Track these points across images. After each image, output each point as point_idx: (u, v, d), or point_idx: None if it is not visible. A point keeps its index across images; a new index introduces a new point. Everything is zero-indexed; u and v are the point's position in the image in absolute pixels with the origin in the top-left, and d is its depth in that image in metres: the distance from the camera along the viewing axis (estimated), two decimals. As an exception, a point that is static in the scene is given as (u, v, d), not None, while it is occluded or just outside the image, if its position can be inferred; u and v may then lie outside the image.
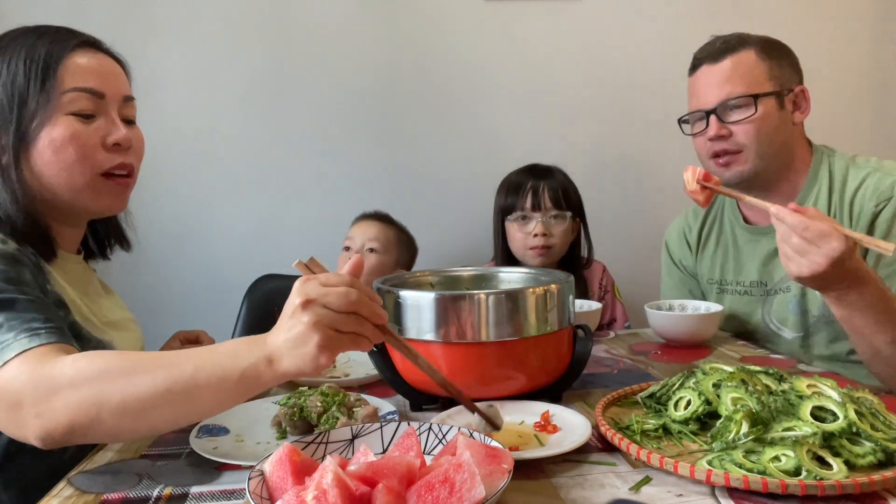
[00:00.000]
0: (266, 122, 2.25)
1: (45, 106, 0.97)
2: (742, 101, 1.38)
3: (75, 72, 0.99)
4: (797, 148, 1.45)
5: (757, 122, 1.37)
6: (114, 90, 1.04)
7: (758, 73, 1.39)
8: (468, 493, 0.60)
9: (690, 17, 2.34)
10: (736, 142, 1.39)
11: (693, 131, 1.48)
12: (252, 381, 0.77)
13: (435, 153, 2.30)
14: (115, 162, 1.03)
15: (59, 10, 2.09)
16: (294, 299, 0.76)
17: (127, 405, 0.76)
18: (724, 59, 1.40)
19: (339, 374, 1.24)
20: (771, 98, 1.38)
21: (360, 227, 1.94)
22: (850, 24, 2.42)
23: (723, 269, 1.58)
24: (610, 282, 1.94)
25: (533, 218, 1.82)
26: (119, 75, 1.07)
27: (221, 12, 2.20)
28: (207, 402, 0.78)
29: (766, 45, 1.41)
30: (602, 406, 0.92)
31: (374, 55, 2.26)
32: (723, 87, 1.39)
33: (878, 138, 2.42)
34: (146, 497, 0.76)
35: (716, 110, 1.40)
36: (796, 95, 1.42)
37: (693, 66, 1.47)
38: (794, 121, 1.43)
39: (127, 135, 1.03)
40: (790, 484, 0.67)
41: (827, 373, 1.16)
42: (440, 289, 1.18)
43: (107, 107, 1.03)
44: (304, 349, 0.75)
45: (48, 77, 0.97)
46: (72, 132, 0.98)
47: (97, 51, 1.05)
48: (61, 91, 0.98)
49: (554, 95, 2.32)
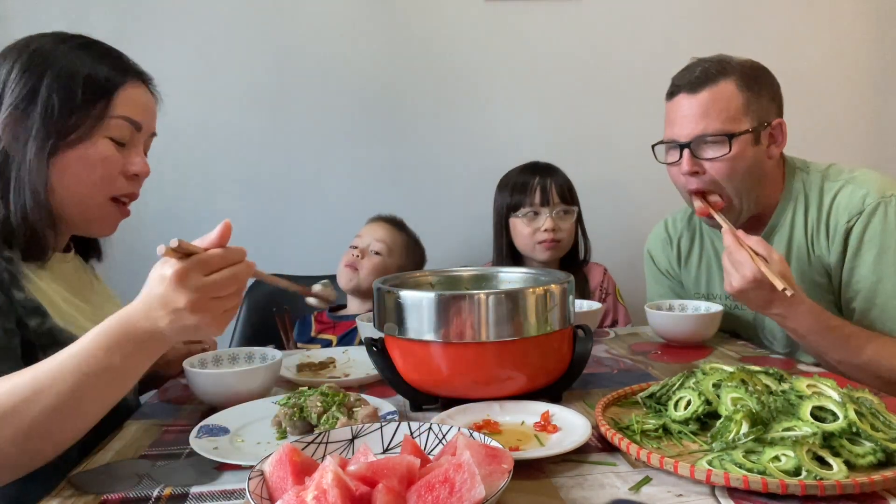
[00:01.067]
0: (267, 121, 2.25)
1: (93, 124, 1.02)
2: (717, 138, 1.33)
3: (128, 102, 1.05)
4: (772, 176, 1.42)
5: (730, 162, 1.34)
6: (148, 125, 1.11)
7: (735, 109, 1.33)
8: (468, 493, 0.60)
9: (690, 16, 2.34)
10: (709, 179, 1.36)
11: (666, 160, 1.45)
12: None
13: (435, 152, 2.30)
14: (127, 190, 1.09)
15: (61, 9, 2.09)
16: (173, 296, 0.81)
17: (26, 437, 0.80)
18: (702, 90, 1.35)
19: (339, 374, 1.24)
20: (747, 136, 1.34)
21: (370, 227, 1.95)
22: (849, 25, 2.42)
23: (709, 283, 1.58)
24: (611, 284, 1.93)
25: (542, 213, 1.83)
26: (155, 113, 1.14)
27: (223, 12, 2.20)
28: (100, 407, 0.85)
29: (746, 76, 1.36)
30: (602, 406, 0.92)
31: (374, 55, 2.26)
32: (698, 121, 1.34)
33: (878, 140, 2.42)
34: (146, 497, 0.76)
35: (689, 145, 1.36)
36: (773, 129, 1.38)
37: (670, 93, 1.42)
38: (769, 154, 1.39)
39: (146, 168, 1.10)
40: (790, 484, 0.67)
41: (827, 373, 1.16)
42: (440, 289, 1.18)
43: (138, 139, 1.09)
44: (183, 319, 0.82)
45: (104, 99, 1.03)
46: (106, 155, 1.04)
47: (146, 86, 1.11)
48: (112, 115, 1.03)
49: (554, 95, 2.32)
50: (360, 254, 1.88)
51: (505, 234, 1.91)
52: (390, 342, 1.03)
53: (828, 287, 1.39)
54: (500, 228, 1.92)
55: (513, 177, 1.91)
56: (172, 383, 1.25)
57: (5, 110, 0.99)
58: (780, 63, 1.47)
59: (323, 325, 1.92)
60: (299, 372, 1.25)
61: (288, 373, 1.22)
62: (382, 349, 1.04)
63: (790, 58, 2.32)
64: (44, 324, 0.98)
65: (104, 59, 1.05)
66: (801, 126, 2.07)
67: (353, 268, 1.87)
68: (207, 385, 1.05)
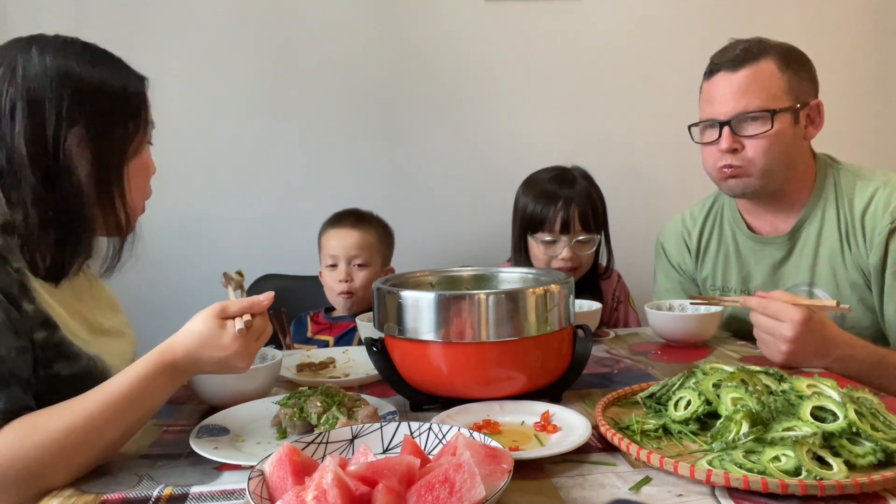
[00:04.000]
0: (267, 122, 2.25)
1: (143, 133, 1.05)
2: (758, 114, 1.33)
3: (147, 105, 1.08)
4: (804, 162, 1.42)
5: (771, 139, 1.34)
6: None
7: (776, 87, 1.34)
8: (468, 493, 0.60)
9: (690, 16, 2.34)
10: (745, 157, 1.36)
11: (702, 139, 1.44)
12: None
13: (435, 153, 2.30)
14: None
15: (61, 10, 2.09)
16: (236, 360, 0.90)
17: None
18: (743, 67, 1.35)
19: (339, 374, 1.24)
20: (787, 114, 1.35)
21: (336, 239, 1.85)
22: (851, 27, 2.42)
23: (725, 276, 1.57)
24: (624, 292, 1.90)
25: (560, 241, 1.71)
26: None
27: (222, 12, 2.20)
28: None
29: (786, 56, 1.37)
30: (602, 406, 0.92)
31: (374, 55, 2.26)
32: (740, 98, 1.34)
33: (879, 142, 2.42)
34: (146, 497, 0.76)
35: (730, 122, 1.35)
36: (811, 110, 1.39)
37: (710, 71, 1.42)
38: (807, 136, 1.40)
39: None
40: (790, 484, 0.67)
41: (827, 373, 1.16)
42: (440, 289, 1.18)
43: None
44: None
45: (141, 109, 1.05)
46: (148, 157, 1.09)
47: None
48: (147, 121, 1.07)
49: (555, 95, 2.32)
50: (346, 277, 1.82)
51: (522, 244, 1.80)
52: (390, 342, 1.03)
53: (864, 288, 1.38)
54: (519, 239, 1.81)
55: (537, 184, 1.78)
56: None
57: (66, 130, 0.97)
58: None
59: (319, 327, 1.90)
60: (299, 372, 1.25)
61: (288, 373, 1.22)
62: (382, 349, 1.04)
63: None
64: (52, 337, 0.95)
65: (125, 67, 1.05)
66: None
67: (348, 292, 1.83)
68: (207, 385, 1.05)
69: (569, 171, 1.80)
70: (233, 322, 0.89)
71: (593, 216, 1.74)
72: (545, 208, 1.73)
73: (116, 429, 0.85)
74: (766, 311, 1.14)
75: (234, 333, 0.87)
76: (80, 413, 0.83)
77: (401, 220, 2.02)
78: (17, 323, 0.91)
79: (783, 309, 1.12)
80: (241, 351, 0.88)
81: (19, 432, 0.81)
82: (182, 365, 0.88)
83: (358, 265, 1.83)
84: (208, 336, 0.87)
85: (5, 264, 0.93)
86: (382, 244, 1.89)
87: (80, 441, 0.82)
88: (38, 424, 0.82)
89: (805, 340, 1.11)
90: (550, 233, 1.72)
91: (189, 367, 0.89)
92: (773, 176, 1.38)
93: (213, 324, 0.88)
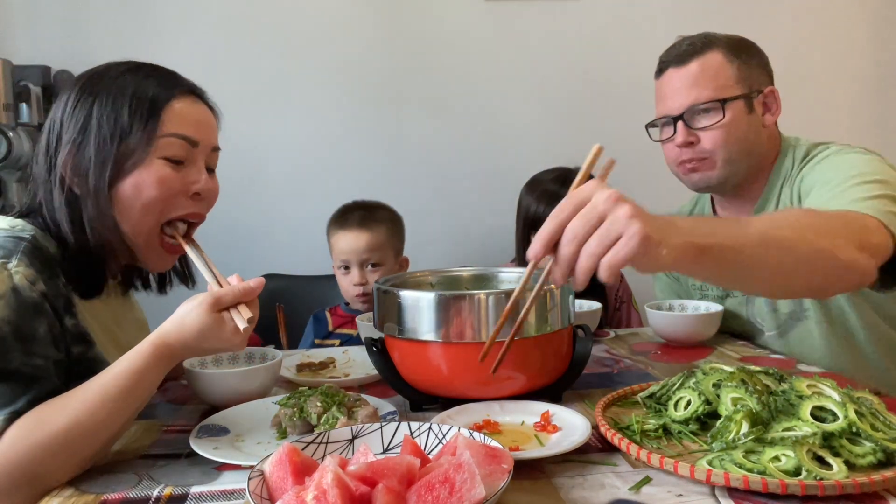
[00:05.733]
0: (267, 121, 2.25)
1: (145, 146, 0.97)
2: (709, 105, 1.32)
3: (177, 117, 1.00)
4: (766, 148, 1.40)
5: (725, 128, 1.32)
6: (207, 140, 1.04)
7: (725, 76, 1.33)
8: (468, 493, 0.60)
9: (690, 15, 2.34)
10: (703, 149, 1.35)
11: (661, 137, 1.43)
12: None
13: (436, 153, 2.30)
14: (191, 209, 1.03)
15: (61, 9, 2.09)
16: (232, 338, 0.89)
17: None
18: (690, 61, 1.34)
19: (339, 374, 1.24)
20: (739, 102, 1.33)
21: (346, 242, 1.81)
22: (849, 24, 2.42)
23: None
24: (627, 293, 1.90)
25: None
26: (214, 126, 1.07)
27: (222, 12, 2.20)
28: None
29: (733, 46, 1.35)
30: (602, 406, 0.92)
31: (374, 55, 2.26)
32: (689, 91, 1.34)
33: (880, 143, 2.42)
34: (146, 497, 0.76)
35: (683, 116, 1.34)
36: (766, 97, 1.37)
37: (659, 70, 1.41)
38: (765, 123, 1.38)
39: (209, 185, 1.04)
40: (790, 484, 0.67)
41: (827, 373, 1.16)
42: (440, 289, 1.18)
43: (197, 155, 1.03)
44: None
45: (152, 118, 0.98)
46: (161, 176, 0.98)
47: (199, 99, 1.05)
48: (161, 134, 0.98)
49: (555, 95, 2.32)
50: (361, 280, 1.79)
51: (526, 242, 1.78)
52: (390, 342, 1.03)
53: None
54: (523, 233, 1.83)
55: (541, 185, 1.80)
56: (172, 383, 1.25)
57: (65, 146, 0.97)
58: (782, 64, 1.47)
59: (342, 320, 1.87)
60: (299, 372, 1.25)
61: (288, 373, 1.22)
62: (382, 349, 1.04)
63: (791, 59, 2.32)
64: (87, 352, 0.97)
65: (149, 78, 1.01)
66: (802, 128, 2.07)
67: (364, 294, 1.79)
68: (207, 385, 1.05)
69: (572, 172, 1.81)
70: (230, 314, 0.88)
71: None
72: (548, 208, 1.72)
73: (116, 422, 0.86)
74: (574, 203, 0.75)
75: (235, 327, 0.87)
76: (81, 408, 0.83)
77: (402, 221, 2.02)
78: (58, 336, 0.92)
79: (583, 189, 0.76)
80: (243, 341, 0.90)
81: (24, 430, 0.82)
82: (179, 355, 0.89)
83: (371, 265, 1.81)
84: (208, 331, 0.87)
85: (57, 277, 0.95)
86: (393, 238, 1.86)
87: (84, 435, 0.82)
88: (43, 419, 0.82)
89: (635, 207, 0.74)
90: None
91: (185, 355, 0.92)
92: (733, 165, 1.36)
93: (210, 318, 0.87)
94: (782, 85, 1.42)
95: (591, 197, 0.74)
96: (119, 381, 0.85)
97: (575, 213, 0.74)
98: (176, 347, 0.88)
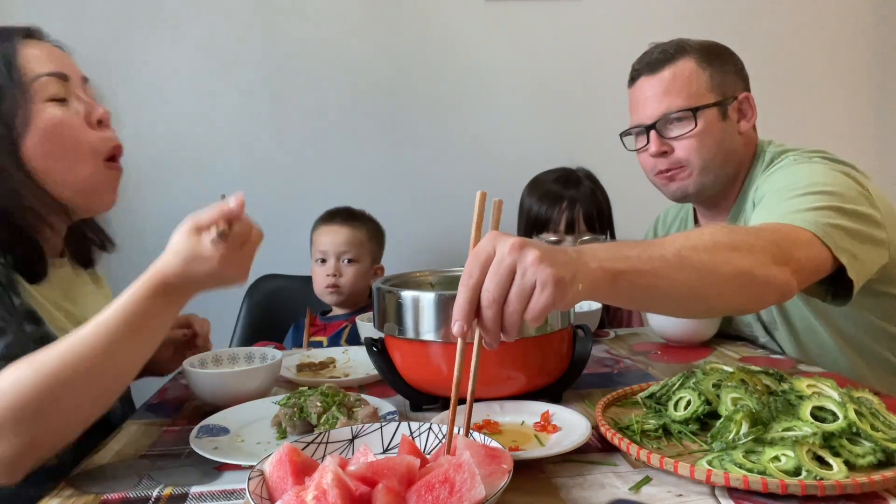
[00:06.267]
0: (267, 122, 2.25)
1: (23, 97, 0.96)
2: (682, 114, 1.31)
3: (34, 60, 1.00)
4: (744, 156, 1.38)
5: (698, 137, 1.31)
6: (73, 72, 1.04)
7: (697, 84, 1.31)
8: (468, 493, 0.60)
9: (690, 16, 2.34)
10: (677, 158, 1.34)
11: (636, 147, 1.42)
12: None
13: (436, 153, 2.30)
14: (112, 143, 1.04)
15: (61, 9, 2.09)
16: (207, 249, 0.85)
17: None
18: (662, 69, 1.33)
19: (339, 374, 1.24)
20: (712, 109, 1.32)
21: (327, 235, 1.88)
22: (850, 26, 2.42)
23: None
24: None
25: (565, 241, 1.72)
26: (70, 59, 1.07)
27: (223, 13, 2.20)
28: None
29: (706, 52, 1.34)
30: (602, 406, 0.92)
31: (375, 56, 2.26)
32: (661, 100, 1.32)
33: (880, 142, 2.42)
34: (146, 497, 0.76)
35: (655, 125, 1.33)
36: (741, 103, 1.35)
37: (631, 78, 1.40)
38: (740, 130, 1.35)
39: (106, 110, 1.04)
40: (790, 484, 0.67)
41: (827, 373, 1.16)
42: (440, 289, 1.18)
43: (73, 89, 1.02)
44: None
45: (13, 70, 0.97)
46: (58, 116, 0.98)
47: (41, 40, 1.05)
48: (29, 80, 0.98)
49: (555, 95, 2.32)
50: (334, 272, 1.85)
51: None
52: (390, 342, 1.03)
53: None
54: (525, 233, 1.81)
55: (542, 185, 1.80)
56: (172, 383, 1.25)
57: None
58: (781, 64, 1.48)
59: (315, 328, 1.91)
60: (299, 372, 1.25)
61: (288, 373, 1.22)
62: (382, 349, 1.04)
63: (791, 59, 2.33)
64: (37, 331, 0.96)
65: None
66: (802, 128, 2.07)
67: (335, 286, 1.86)
68: (207, 385, 1.05)
69: (573, 172, 1.82)
70: (208, 232, 0.86)
71: (598, 217, 1.75)
72: (550, 209, 1.74)
73: (117, 359, 0.84)
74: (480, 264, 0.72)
75: (211, 240, 0.84)
76: (77, 342, 0.82)
77: (402, 220, 2.03)
78: (10, 308, 0.92)
79: (482, 246, 0.74)
80: (226, 257, 0.85)
81: (15, 373, 0.80)
82: (175, 283, 0.86)
83: (347, 261, 1.86)
84: (189, 251, 0.85)
85: None
86: (372, 242, 1.92)
87: (79, 372, 0.81)
88: (34, 360, 0.81)
89: (539, 249, 0.72)
90: (555, 233, 1.73)
91: (182, 285, 0.86)
92: (709, 173, 1.34)
93: (189, 238, 0.85)
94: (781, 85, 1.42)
95: (493, 251, 0.72)
96: (115, 314, 0.83)
97: (484, 274, 0.72)
98: (168, 274, 0.85)
